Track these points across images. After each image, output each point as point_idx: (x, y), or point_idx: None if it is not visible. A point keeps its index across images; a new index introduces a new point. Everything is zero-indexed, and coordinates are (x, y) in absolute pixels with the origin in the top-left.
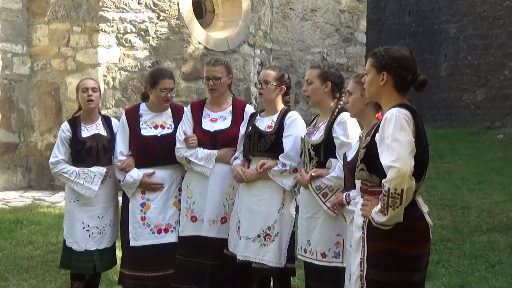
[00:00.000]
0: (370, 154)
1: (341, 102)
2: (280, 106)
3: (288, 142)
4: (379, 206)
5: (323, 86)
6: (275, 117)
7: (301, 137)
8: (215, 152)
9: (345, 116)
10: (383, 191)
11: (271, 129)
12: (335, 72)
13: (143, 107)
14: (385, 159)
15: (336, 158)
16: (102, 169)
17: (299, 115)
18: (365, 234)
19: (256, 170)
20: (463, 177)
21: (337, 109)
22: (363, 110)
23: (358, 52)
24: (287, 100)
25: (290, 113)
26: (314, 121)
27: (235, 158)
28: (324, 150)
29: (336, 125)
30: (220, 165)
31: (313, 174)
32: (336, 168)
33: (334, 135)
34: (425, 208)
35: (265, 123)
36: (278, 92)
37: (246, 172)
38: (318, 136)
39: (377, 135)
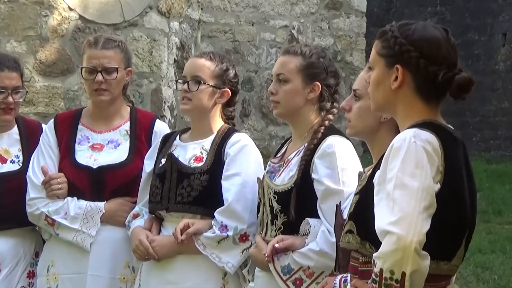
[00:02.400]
0: (364, 206)
1: (331, 117)
2: (219, 123)
3: (232, 186)
4: None
5: (307, 89)
6: (207, 142)
7: (258, 178)
8: (101, 205)
9: (334, 143)
10: (373, 273)
11: (200, 164)
12: (329, 66)
13: None
14: (381, 217)
15: (318, 217)
16: None
17: (251, 139)
18: None
19: (174, 236)
20: None
21: (322, 129)
22: (375, 130)
23: (353, 27)
24: (231, 115)
25: (236, 136)
26: (283, 150)
27: (135, 216)
28: (297, 202)
29: (317, 158)
30: (109, 228)
31: (277, 245)
32: (318, 236)
33: (314, 176)
34: None
35: (190, 153)
36: (216, 99)
37: (155, 241)
38: (287, 176)
39: (377, 173)
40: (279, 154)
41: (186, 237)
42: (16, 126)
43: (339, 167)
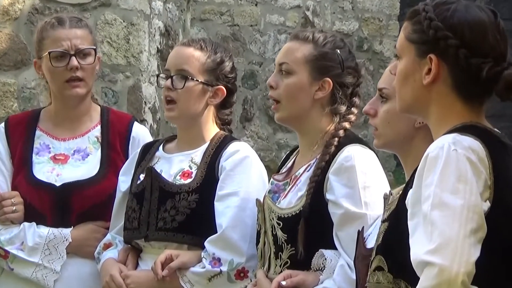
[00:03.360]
0: (396, 235)
1: (346, 125)
2: (212, 130)
3: (228, 209)
4: None
5: (314, 86)
6: (198, 154)
7: (257, 200)
8: (66, 233)
9: (353, 154)
10: None
11: (189, 180)
12: (346, 60)
13: None
14: (417, 246)
15: (334, 247)
16: None
17: (252, 150)
18: None
19: (154, 272)
20: None
21: (335, 140)
22: (408, 139)
23: (383, 8)
24: (227, 119)
25: (234, 146)
26: (289, 163)
27: (107, 246)
28: (306, 231)
29: (333, 174)
30: (77, 262)
31: (283, 282)
32: (335, 272)
33: (329, 197)
34: None
35: (176, 167)
36: (208, 100)
37: (130, 277)
38: (294, 198)
39: (409, 192)
40: (284, 169)
41: (168, 272)
42: None
43: (361, 185)
